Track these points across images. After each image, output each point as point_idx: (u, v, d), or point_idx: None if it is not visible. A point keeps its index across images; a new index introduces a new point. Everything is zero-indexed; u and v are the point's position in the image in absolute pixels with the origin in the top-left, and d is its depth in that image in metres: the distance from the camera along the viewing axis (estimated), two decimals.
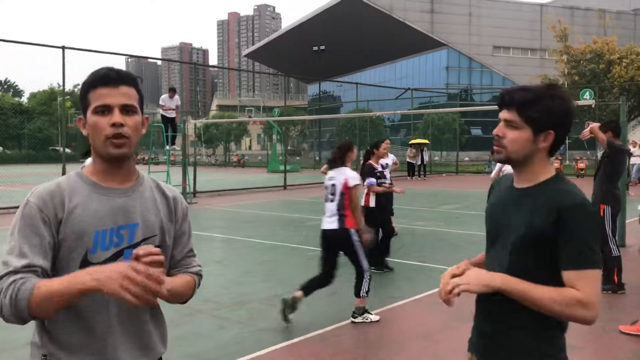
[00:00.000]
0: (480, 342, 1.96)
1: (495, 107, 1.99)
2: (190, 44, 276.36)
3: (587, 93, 18.47)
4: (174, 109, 16.59)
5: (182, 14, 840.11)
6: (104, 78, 1.64)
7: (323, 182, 5.90)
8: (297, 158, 56.38)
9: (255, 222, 12.80)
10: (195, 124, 24.17)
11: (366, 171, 7.50)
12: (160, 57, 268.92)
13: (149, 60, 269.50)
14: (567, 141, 32.29)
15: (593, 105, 21.32)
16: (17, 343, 4.65)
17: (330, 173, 5.69)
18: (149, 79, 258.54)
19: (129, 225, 1.70)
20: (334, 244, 5.53)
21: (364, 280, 5.45)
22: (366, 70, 61.43)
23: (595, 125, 6.51)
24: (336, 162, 5.69)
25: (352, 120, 39.24)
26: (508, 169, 2.24)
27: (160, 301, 1.71)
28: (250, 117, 55.47)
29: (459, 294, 1.76)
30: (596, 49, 31.57)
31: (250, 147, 74.00)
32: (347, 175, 5.50)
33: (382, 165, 7.99)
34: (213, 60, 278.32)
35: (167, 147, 17.04)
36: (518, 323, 1.82)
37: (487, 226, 1.98)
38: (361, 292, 5.43)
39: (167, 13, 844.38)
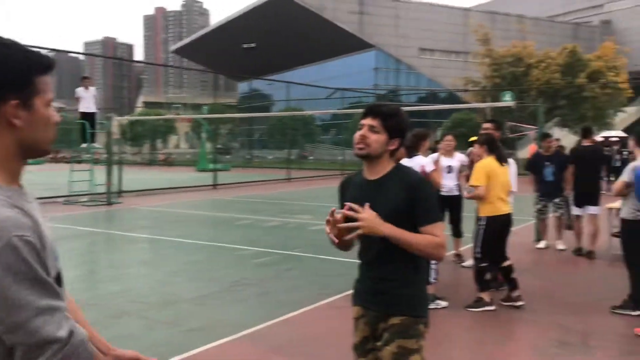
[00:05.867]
0: (371, 295, 2.52)
1: (423, 108, 2.21)
2: (115, 39, 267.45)
3: (508, 95, 19.26)
4: (93, 106, 15.28)
5: (106, 7, 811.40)
6: (52, 66, 1.43)
7: (253, 181, 5.87)
8: (227, 157, 55.71)
9: (183, 221, 12.56)
10: (119, 121, 23.35)
11: None
12: (82, 51, 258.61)
13: (70, 54, 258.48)
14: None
15: (512, 107, 22.24)
16: None
17: (406, 163, 5.77)
18: (70, 75, 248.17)
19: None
20: None
21: (431, 267, 5.64)
22: (297, 69, 61.53)
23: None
24: (410, 150, 5.84)
25: (284, 119, 39.28)
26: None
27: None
28: (178, 114, 54.34)
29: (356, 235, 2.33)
30: (516, 53, 33.04)
31: (178, 146, 72.44)
32: (422, 162, 5.78)
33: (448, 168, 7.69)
34: (139, 56, 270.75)
35: (86, 145, 15.84)
36: (399, 275, 2.44)
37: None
38: (430, 278, 5.66)
39: (90, 6, 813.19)
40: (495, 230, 5.80)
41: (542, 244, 9.12)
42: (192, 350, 4.56)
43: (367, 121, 2.43)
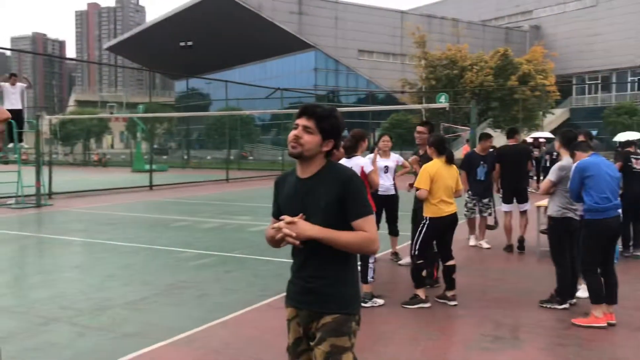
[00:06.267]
0: (301, 295, 2.53)
1: (362, 109, 2.27)
2: (45, 35, 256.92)
3: (443, 97, 19.80)
4: (20, 103, 14.27)
5: (35, 2, 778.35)
6: None
7: (191, 182, 5.79)
8: (164, 157, 54.55)
9: (118, 224, 12.21)
10: (50, 120, 22.46)
11: None
12: (9, 47, 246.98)
13: None
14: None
15: (447, 108, 22.85)
16: None
17: (344, 163, 5.80)
18: None
19: None
20: None
21: (369, 266, 5.79)
22: (236, 68, 60.99)
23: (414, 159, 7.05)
24: (349, 150, 5.94)
25: (222, 119, 38.82)
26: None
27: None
28: (112, 113, 52.72)
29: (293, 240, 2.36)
30: (451, 56, 33.94)
31: (112, 146, 70.35)
32: (360, 163, 5.88)
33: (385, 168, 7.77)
34: (71, 53, 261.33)
35: (12, 145, 14.92)
36: (328, 274, 2.46)
37: (289, 211, 2.49)
38: (368, 277, 5.79)
39: (18, 0, 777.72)
40: (436, 230, 5.96)
41: (471, 241, 9.43)
42: (124, 357, 4.44)
43: (302, 121, 2.46)
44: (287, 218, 2.38)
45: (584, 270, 5.44)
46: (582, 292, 5.93)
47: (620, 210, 5.44)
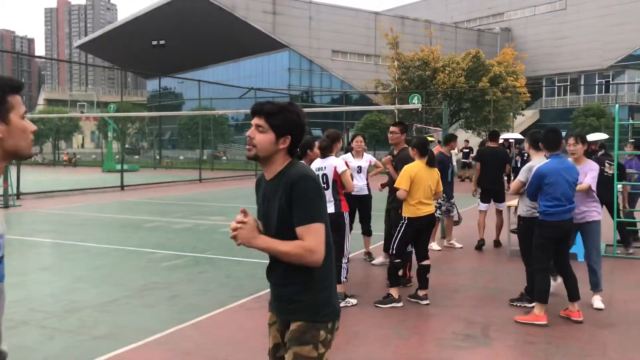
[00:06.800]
0: (274, 301, 2.45)
1: (335, 109, 2.22)
2: (13, 32, 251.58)
3: (416, 98, 19.96)
4: None
5: None
6: (21, 87, 1.76)
7: (163, 182, 5.73)
8: (136, 157, 53.90)
9: (88, 225, 12.03)
10: None
11: None
12: None
13: None
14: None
15: (420, 109, 23.06)
16: None
17: (318, 163, 5.96)
18: None
19: (1, 234, 1.72)
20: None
21: (342, 266, 5.85)
22: (209, 67, 60.55)
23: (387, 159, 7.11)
24: (324, 151, 6.00)
25: (195, 119, 38.50)
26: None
27: None
28: (82, 112, 51.93)
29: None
30: (423, 57, 34.22)
31: (82, 145, 69.24)
32: (334, 163, 5.94)
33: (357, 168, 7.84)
34: (40, 50, 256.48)
35: None
36: (293, 280, 2.32)
37: (260, 214, 2.46)
38: (341, 277, 5.86)
39: None
40: (414, 231, 6.04)
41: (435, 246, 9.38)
42: (96, 358, 4.38)
43: (254, 121, 2.34)
44: (238, 217, 2.25)
45: (535, 269, 5.57)
46: (598, 302, 5.91)
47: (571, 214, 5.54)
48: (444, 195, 9.24)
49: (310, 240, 2.20)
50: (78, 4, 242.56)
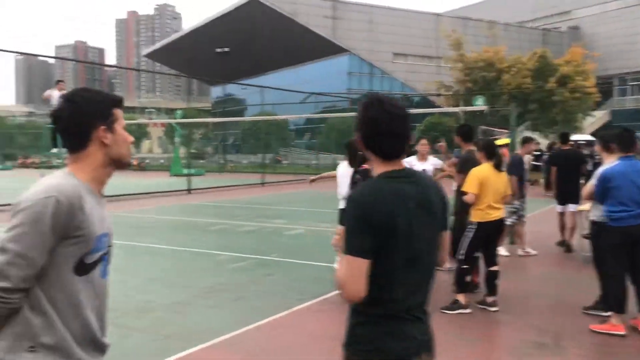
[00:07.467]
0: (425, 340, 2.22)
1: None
2: (85, 42, 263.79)
3: (480, 99, 19.54)
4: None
5: (78, 11, 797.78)
6: (122, 101, 2.00)
7: (227, 186, 5.85)
8: (201, 161, 55.25)
9: (157, 227, 12.43)
10: None
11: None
12: (53, 55, 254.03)
13: (40, 58, 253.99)
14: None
15: (485, 111, 22.56)
16: None
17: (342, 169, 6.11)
18: (41, 79, 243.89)
19: (105, 233, 1.95)
20: None
21: None
22: (270, 73, 61.42)
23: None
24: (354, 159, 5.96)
25: (258, 124, 39.11)
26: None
27: None
28: (151, 119, 53.70)
29: None
30: (487, 58, 33.48)
31: (151, 150, 71.63)
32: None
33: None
34: (111, 60, 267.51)
35: (56, 150, 15.48)
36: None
37: None
38: None
39: (61, 10, 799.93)
40: (483, 235, 5.91)
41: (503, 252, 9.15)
42: (168, 357, 4.52)
43: None
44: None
45: (602, 274, 5.45)
46: None
47: None
48: (521, 198, 8.98)
49: (340, 272, 1.96)
50: (146, 14, 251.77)
